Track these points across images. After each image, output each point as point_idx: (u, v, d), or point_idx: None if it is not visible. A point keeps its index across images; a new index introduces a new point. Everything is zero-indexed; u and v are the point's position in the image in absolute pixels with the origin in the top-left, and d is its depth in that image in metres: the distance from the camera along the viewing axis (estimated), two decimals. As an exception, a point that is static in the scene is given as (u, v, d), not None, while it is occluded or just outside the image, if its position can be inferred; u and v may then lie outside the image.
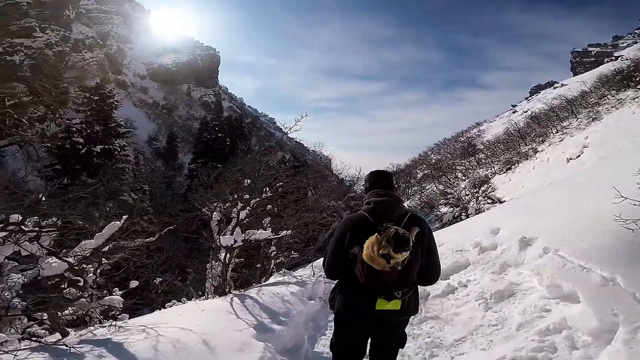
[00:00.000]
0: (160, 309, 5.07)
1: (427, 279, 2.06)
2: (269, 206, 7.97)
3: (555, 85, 65.93)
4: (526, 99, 72.36)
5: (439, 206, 23.50)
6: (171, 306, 4.88)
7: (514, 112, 61.08)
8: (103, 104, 17.08)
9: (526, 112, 49.51)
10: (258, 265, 8.26)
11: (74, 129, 16.21)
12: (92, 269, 4.76)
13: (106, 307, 4.63)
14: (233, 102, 79.27)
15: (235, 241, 4.63)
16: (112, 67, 55.37)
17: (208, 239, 5.87)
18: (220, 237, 4.52)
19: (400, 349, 2.22)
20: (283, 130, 5.79)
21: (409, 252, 1.73)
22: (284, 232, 6.14)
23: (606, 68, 38.04)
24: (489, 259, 4.45)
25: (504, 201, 17.59)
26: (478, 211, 17.90)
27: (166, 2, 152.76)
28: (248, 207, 6.25)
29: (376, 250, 1.72)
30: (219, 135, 33.18)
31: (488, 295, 3.89)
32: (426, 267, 1.97)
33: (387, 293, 1.82)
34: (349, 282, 1.97)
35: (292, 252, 8.22)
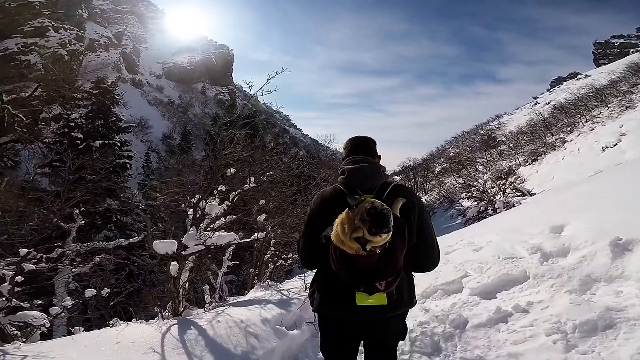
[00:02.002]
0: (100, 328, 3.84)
1: (419, 265, 1.63)
2: (263, 201, 6.69)
3: (579, 76, 64.73)
4: (548, 90, 71.20)
5: (460, 200, 22.13)
6: (112, 326, 3.64)
7: (535, 104, 59.61)
8: (103, 99, 16.26)
9: (548, 103, 48.01)
10: (251, 270, 7.03)
11: (73, 124, 15.47)
12: (10, 276, 3.62)
13: (21, 323, 3.49)
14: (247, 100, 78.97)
15: (186, 247, 3.31)
16: (128, 67, 55.89)
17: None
18: (155, 242, 3.21)
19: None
20: (251, 90, 4.38)
21: (389, 234, 1.31)
22: (257, 233, 4.66)
23: (636, 57, 38.20)
24: (559, 270, 2.95)
25: (534, 193, 16.48)
26: (507, 205, 16.51)
27: (180, 2, 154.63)
28: (227, 202, 4.96)
29: (348, 230, 1.33)
30: (231, 131, 32.60)
31: (569, 327, 2.44)
32: (418, 250, 1.56)
33: (366, 284, 1.41)
34: (326, 272, 1.59)
35: (290, 253, 6.92)
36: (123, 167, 15.35)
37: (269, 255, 6.27)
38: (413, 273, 1.67)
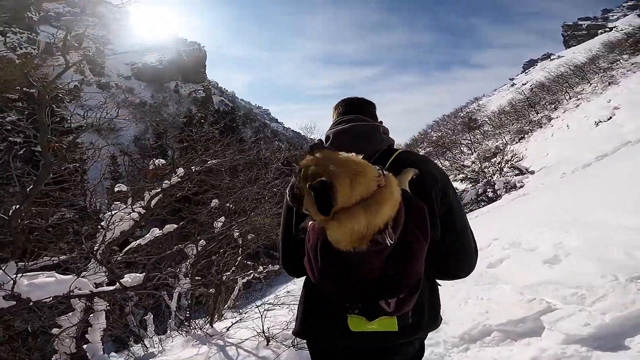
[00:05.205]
0: None
1: (445, 267, 0.97)
2: (216, 201, 5.02)
3: (552, 57, 65.80)
4: (523, 72, 73.41)
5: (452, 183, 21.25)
6: None
7: (512, 85, 61.13)
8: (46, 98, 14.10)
9: (525, 84, 48.77)
10: (211, 291, 5.40)
11: (10, 127, 13.33)
12: None
13: None
14: (224, 96, 76.52)
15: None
16: (93, 69, 52.77)
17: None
18: None
19: None
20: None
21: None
22: (125, 278, 2.32)
23: (609, 36, 39.47)
24: None
25: (533, 171, 15.95)
26: (507, 185, 15.46)
27: (147, 1, 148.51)
28: (140, 206, 3.26)
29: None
30: (205, 127, 30.94)
31: None
32: (444, 246, 0.95)
33: (365, 304, 0.83)
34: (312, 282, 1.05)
35: (261, 266, 5.29)
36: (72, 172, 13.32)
37: (229, 274, 4.63)
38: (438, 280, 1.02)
